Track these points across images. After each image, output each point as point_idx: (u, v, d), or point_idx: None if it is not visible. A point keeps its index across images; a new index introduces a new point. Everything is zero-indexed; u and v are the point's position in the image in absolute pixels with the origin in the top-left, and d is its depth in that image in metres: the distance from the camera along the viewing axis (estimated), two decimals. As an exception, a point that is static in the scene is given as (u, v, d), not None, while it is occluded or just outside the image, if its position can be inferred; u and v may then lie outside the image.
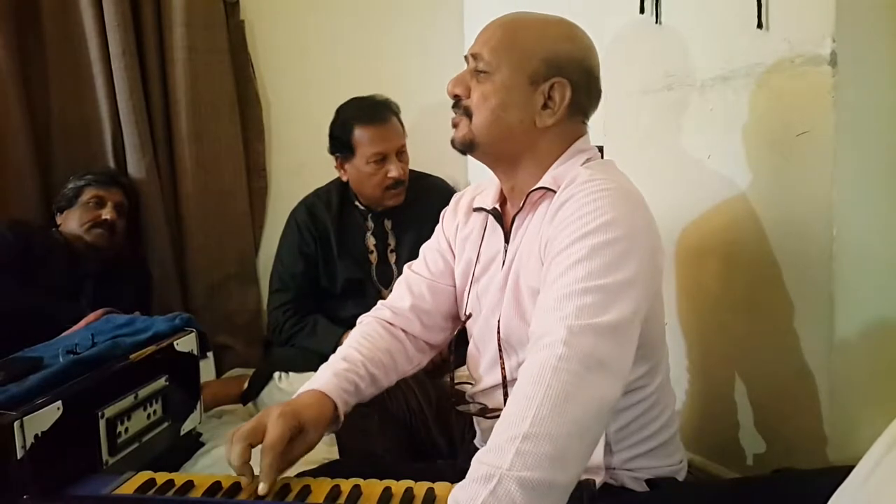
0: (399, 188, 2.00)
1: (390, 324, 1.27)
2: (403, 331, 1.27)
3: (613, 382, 0.87)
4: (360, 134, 1.97)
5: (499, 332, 1.13)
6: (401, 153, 2.01)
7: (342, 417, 1.09)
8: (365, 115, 1.98)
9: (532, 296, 1.05)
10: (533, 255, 1.06)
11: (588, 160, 1.09)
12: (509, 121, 1.07)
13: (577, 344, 0.85)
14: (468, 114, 1.10)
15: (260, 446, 0.97)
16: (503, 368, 1.13)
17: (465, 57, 1.12)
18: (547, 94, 1.06)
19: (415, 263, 1.33)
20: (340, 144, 2.01)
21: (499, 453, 0.80)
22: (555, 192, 1.05)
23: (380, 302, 1.32)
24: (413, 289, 1.29)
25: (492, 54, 1.08)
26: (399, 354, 1.24)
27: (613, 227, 0.94)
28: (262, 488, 0.93)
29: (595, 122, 1.18)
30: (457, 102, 1.12)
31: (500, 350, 1.13)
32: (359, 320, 1.29)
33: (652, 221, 1.03)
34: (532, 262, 1.06)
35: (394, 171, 1.96)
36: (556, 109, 1.07)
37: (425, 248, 1.33)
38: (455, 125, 1.13)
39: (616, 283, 0.91)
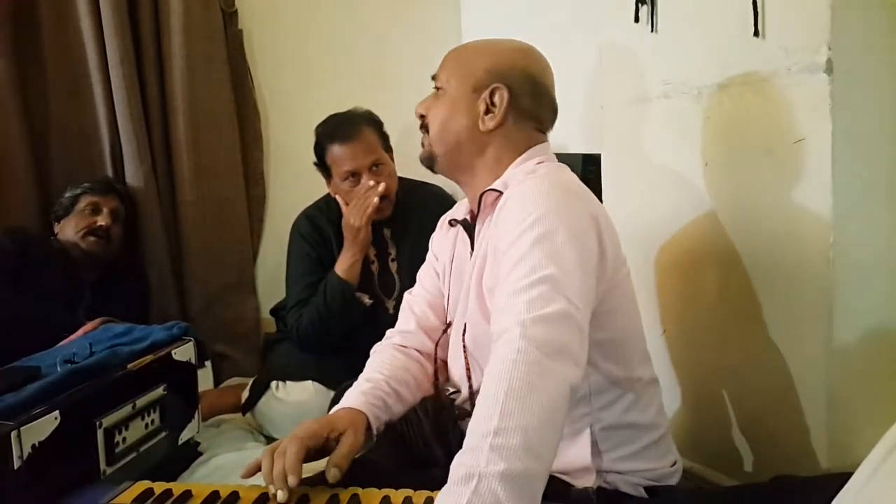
0: (381, 203, 1.94)
1: (403, 346, 1.30)
2: (417, 351, 1.30)
3: (573, 366, 0.89)
4: (331, 153, 1.96)
5: (464, 341, 1.16)
6: (376, 167, 1.95)
7: (375, 433, 1.11)
8: (334, 134, 1.96)
9: (492, 297, 1.08)
10: (488, 257, 1.10)
11: (540, 163, 1.13)
12: (456, 128, 1.15)
13: (532, 335, 0.88)
14: (427, 130, 1.19)
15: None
16: (468, 374, 1.16)
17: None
18: (489, 101, 1.14)
19: (413, 288, 1.38)
20: (321, 164, 2.01)
21: (474, 453, 0.81)
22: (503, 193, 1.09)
23: (388, 331, 1.36)
24: (415, 309, 1.33)
25: (444, 72, 1.19)
26: (419, 373, 1.27)
27: (547, 220, 0.97)
28: (291, 480, 0.93)
29: (591, 131, 1.18)
30: (422, 123, 1.20)
31: (466, 357, 1.16)
32: (372, 350, 1.32)
33: (590, 211, 1.03)
34: (488, 263, 1.10)
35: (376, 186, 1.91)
36: (496, 113, 1.13)
37: (420, 271, 1.38)
38: (422, 144, 1.21)
39: (559, 272, 0.93)
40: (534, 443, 0.81)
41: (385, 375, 1.19)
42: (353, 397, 1.13)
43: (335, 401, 1.47)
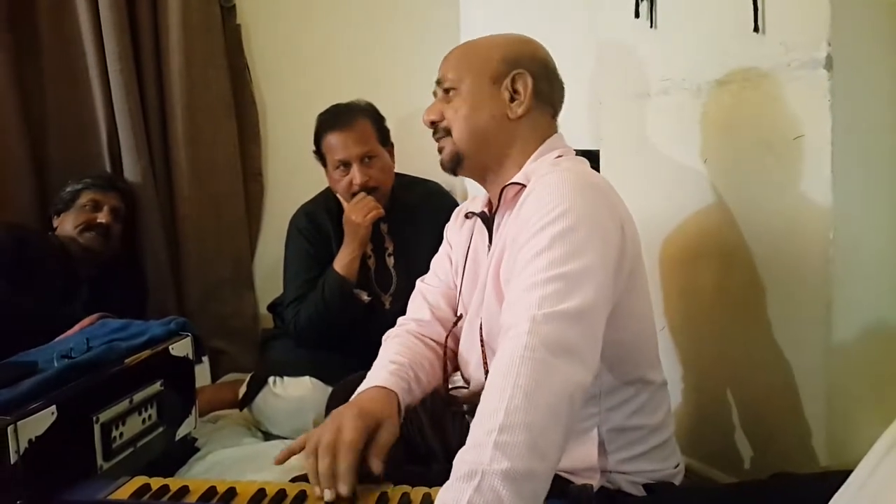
0: (373, 194, 1.94)
1: (421, 334, 1.28)
2: (433, 340, 1.28)
3: (582, 367, 0.88)
4: (326, 141, 1.97)
5: (481, 333, 1.14)
6: (368, 159, 1.95)
7: (403, 415, 1.08)
8: (329, 122, 1.97)
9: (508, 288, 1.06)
10: (507, 250, 1.08)
11: (560, 157, 1.12)
12: (483, 120, 1.13)
13: (542, 332, 0.86)
14: (448, 132, 1.16)
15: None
16: (486, 369, 1.14)
17: (434, 92, 1.20)
18: (511, 88, 1.13)
19: (426, 276, 1.36)
20: (318, 153, 2.02)
21: (478, 449, 0.80)
22: (526, 186, 1.07)
23: (400, 318, 1.34)
24: (429, 298, 1.31)
25: (453, 71, 1.16)
26: (435, 362, 1.25)
27: (571, 216, 0.95)
28: (343, 489, 0.90)
29: (590, 127, 1.18)
30: (435, 128, 1.18)
31: (483, 350, 1.14)
32: (385, 336, 1.30)
33: (617, 211, 1.03)
34: (506, 256, 1.08)
35: (357, 178, 1.92)
36: (523, 99, 1.12)
37: (434, 260, 1.36)
38: (441, 149, 1.18)
39: (577, 269, 0.92)
40: (538, 442, 0.80)
41: (408, 360, 1.17)
42: (383, 376, 1.10)
43: (333, 397, 1.47)
